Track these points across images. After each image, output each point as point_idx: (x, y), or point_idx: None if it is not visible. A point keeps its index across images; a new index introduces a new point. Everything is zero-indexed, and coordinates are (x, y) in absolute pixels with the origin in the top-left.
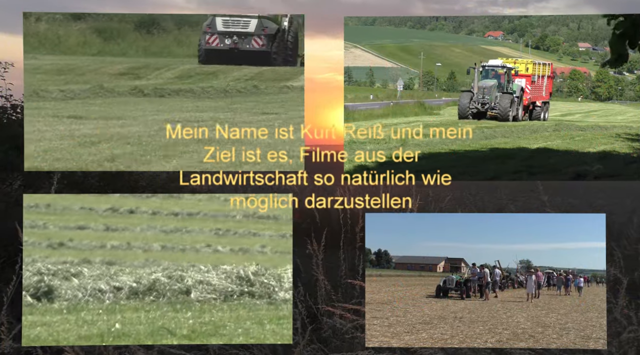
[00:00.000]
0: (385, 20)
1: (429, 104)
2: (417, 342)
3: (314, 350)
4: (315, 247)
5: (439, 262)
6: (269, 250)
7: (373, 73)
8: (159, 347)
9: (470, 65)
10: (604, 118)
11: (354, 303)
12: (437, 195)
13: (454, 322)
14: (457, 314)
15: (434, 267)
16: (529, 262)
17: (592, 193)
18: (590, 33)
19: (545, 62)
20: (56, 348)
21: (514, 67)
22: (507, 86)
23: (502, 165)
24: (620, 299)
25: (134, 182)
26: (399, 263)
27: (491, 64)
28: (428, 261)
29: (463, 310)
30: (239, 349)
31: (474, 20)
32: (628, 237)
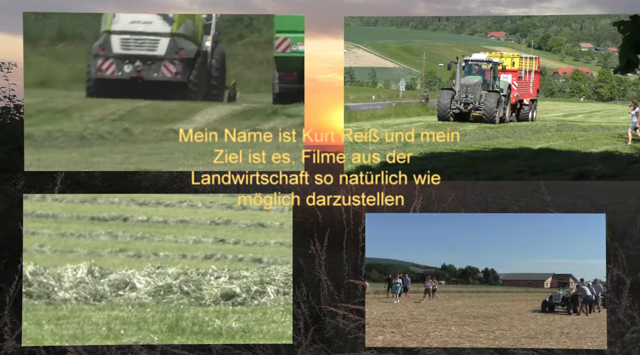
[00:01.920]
0: (387, 21)
1: (431, 104)
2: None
3: (316, 350)
4: (318, 247)
5: (546, 278)
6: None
7: (375, 73)
8: (162, 347)
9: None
10: (606, 118)
11: (356, 303)
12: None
13: (560, 337)
14: (563, 329)
15: (541, 284)
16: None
17: (594, 193)
18: (592, 33)
19: (532, 55)
20: (59, 348)
21: (500, 62)
22: (493, 83)
23: (504, 166)
24: (624, 299)
25: (137, 183)
26: (507, 280)
27: (475, 58)
28: (535, 278)
29: (570, 326)
30: (241, 349)
31: (476, 21)
32: (631, 237)
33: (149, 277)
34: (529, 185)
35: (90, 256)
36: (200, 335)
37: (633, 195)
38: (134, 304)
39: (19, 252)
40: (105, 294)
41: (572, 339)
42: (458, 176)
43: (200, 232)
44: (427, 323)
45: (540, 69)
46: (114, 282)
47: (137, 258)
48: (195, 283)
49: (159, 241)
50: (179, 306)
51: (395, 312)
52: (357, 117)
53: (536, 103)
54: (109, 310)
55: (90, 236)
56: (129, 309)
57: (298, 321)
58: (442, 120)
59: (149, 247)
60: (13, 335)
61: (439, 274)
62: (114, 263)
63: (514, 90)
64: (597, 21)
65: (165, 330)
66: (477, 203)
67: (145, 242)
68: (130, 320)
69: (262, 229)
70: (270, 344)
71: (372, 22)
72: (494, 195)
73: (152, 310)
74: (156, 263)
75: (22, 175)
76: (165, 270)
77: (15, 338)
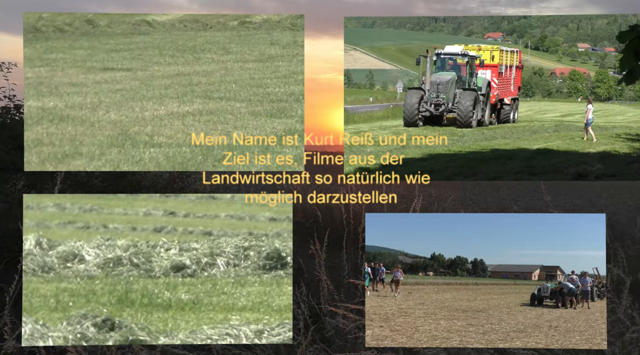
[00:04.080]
0: (384, 22)
1: None
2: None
3: (316, 350)
4: (318, 247)
5: (534, 270)
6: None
7: (373, 75)
8: (162, 346)
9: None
10: (604, 118)
11: (356, 303)
12: (440, 195)
13: (548, 331)
14: (552, 323)
15: (529, 275)
16: None
17: (595, 193)
18: (589, 33)
19: (513, 49)
20: (59, 348)
21: (478, 55)
22: (469, 80)
23: (503, 166)
24: (624, 299)
25: (137, 183)
26: (495, 271)
27: (448, 51)
28: (523, 269)
29: (558, 319)
30: (241, 349)
31: (473, 22)
32: (631, 237)
33: (98, 249)
34: (529, 185)
35: (38, 228)
36: (150, 307)
37: (633, 195)
38: (83, 276)
39: (19, 252)
40: (54, 265)
41: (560, 332)
42: (456, 177)
43: (150, 204)
44: (415, 317)
45: (521, 64)
46: (62, 254)
47: (86, 229)
48: (144, 255)
49: (108, 214)
50: (129, 278)
51: (384, 306)
52: (354, 119)
53: (518, 102)
54: (57, 282)
55: (39, 208)
56: (77, 281)
57: (298, 321)
58: (409, 125)
59: (98, 219)
60: (13, 335)
61: (427, 264)
62: (62, 235)
63: (494, 88)
64: (594, 21)
65: (114, 303)
66: (477, 203)
67: (95, 214)
68: (79, 293)
69: (212, 201)
70: (270, 344)
71: (370, 24)
72: (494, 196)
73: (101, 282)
74: (105, 235)
75: (22, 175)
76: (115, 242)
77: (15, 338)
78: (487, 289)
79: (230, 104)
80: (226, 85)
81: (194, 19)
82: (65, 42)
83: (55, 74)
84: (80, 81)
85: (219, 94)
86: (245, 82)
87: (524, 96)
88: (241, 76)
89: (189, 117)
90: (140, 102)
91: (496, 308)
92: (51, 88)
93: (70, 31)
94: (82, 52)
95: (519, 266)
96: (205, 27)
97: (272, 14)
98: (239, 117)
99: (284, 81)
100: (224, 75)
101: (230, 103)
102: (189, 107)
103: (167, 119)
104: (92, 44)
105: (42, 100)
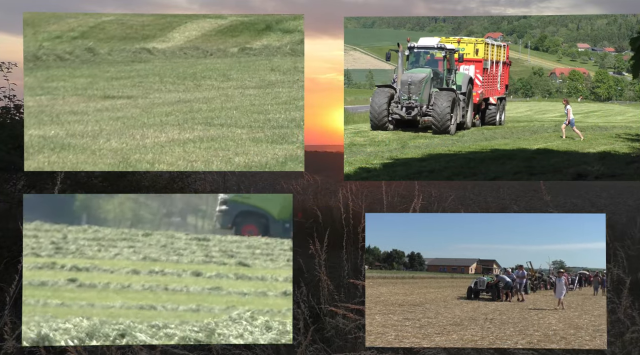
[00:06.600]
0: (384, 22)
1: None
2: (448, 343)
3: (316, 350)
4: (318, 247)
5: (471, 264)
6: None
7: (373, 75)
8: (162, 347)
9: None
10: (604, 118)
11: (356, 303)
12: (439, 195)
13: (484, 323)
14: (487, 316)
15: (466, 269)
16: (562, 263)
17: (595, 193)
18: (589, 33)
19: (501, 43)
20: (59, 348)
21: (457, 49)
22: (447, 78)
23: (502, 166)
24: (624, 299)
25: (137, 183)
26: (432, 265)
27: (423, 44)
28: (460, 263)
29: (494, 312)
30: (241, 349)
31: (473, 22)
32: (631, 237)
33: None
34: (529, 185)
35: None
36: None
37: (633, 195)
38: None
39: (19, 252)
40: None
41: (495, 325)
42: (456, 177)
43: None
44: None
45: (509, 60)
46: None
47: None
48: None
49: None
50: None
51: None
52: (354, 119)
53: (505, 102)
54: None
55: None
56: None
57: (298, 321)
58: (377, 128)
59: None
60: (13, 335)
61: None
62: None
63: (477, 86)
64: (594, 21)
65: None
66: (477, 203)
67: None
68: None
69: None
70: (270, 344)
71: (370, 24)
72: (494, 196)
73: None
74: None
75: (22, 175)
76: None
77: (15, 338)
78: (424, 283)
79: (231, 131)
80: (227, 111)
81: (194, 46)
82: (66, 70)
83: (56, 102)
84: (81, 109)
85: (219, 120)
86: (246, 109)
87: (523, 96)
88: (242, 102)
89: (189, 144)
90: (141, 130)
91: (433, 302)
92: (52, 116)
93: (70, 59)
94: (82, 80)
95: (456, 260)
96: (206, 54)
97: (272, 40)
98: (240, 143)
99: (285, 107)
100: (225, 101)
101: (231, 129)
102: (190, 134)
103: (168, 146)
104: (92, 71)
105: (43, 128)
